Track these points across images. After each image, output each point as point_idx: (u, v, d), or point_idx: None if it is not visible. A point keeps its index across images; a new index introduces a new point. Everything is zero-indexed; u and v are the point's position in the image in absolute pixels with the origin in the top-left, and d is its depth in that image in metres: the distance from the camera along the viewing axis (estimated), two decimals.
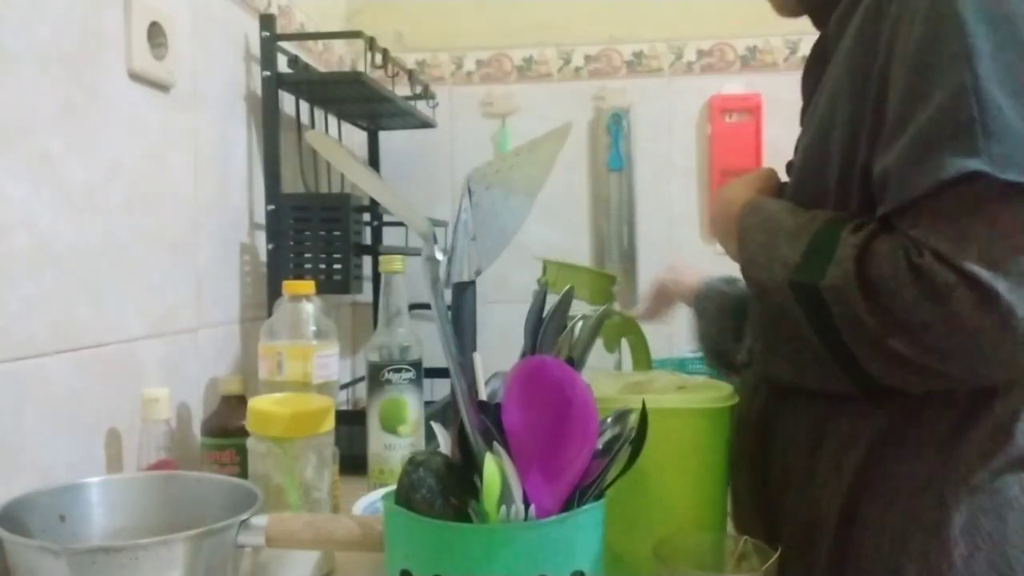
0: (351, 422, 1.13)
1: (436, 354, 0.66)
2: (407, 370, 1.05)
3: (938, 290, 0.59)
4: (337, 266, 1.30)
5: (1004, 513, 0.68)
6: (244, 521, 0.70)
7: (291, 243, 1.30)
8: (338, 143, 0.65)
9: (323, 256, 1.29)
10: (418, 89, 1.71)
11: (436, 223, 1.48)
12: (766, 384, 0.84)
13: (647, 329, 1.10)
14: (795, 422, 0.79)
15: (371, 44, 1.42)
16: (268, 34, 1.30)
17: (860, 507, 0.73)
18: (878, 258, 0.64)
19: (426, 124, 1.70)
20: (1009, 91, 0.61)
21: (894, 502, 0.71)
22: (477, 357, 0.59)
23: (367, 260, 1.62)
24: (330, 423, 0.83)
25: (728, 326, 1.01)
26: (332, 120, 1.62)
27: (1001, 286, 0.58)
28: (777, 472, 0.81)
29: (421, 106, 1.70)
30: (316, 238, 1.29)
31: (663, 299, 1.12)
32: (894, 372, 0.67)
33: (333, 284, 1.29)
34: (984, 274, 0.58)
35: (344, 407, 1.62)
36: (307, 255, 1.30)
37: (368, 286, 1.72)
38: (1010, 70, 0.61)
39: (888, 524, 0.71)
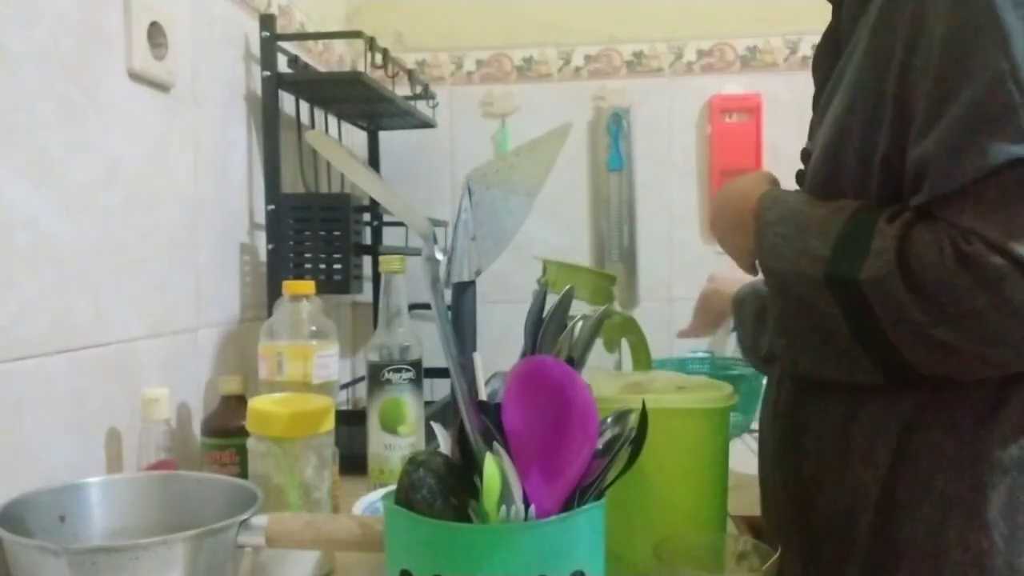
0: (351, 422, 1.13)
1: (436, 354, 0.66)
2: (407, 370, 1.05)
3: (989, 277, 0.60)
4: (337, 266, 1.30)
5: None
6: (244, 521, 0.70)
7: (291, 243, 1.30)
8: (338, 143, 0.65)
9: (323, 256, 1.29)
10: (418, 89, 1.71)
11: (436, 223, 1.48)
12: (791, 379, 0.84)
13: (647, 329, 1.10)
14: (824, 412, 0.79)
15: (371, 44, 1.42)
16: (268, 34, 1.30)
17: (897, 492, 0.73)
18: (919, 248, 0.64)
19: (426, 124, 1.70)
20: None
21: (931, 485, 0.71)
22: (477, 357, 0.59)
23: (367, 260, 1.62)
24: (330, 423, 0.83)
25: (764, 329, 1.01)
26: (332, 120, 1.61)
27: None
28: (811, 462, 0.81)
29: (421, 106, 1.70)
30: (316, 238, 1.29)
31: (709, 312, 1.12)
32: (939, 361, 0.67)
33: (333, 284, 1.29)
34: None
35: (344, 407, 1.62)
36: (307, 255, 1.30)
37: (368, 286, 1.72)
38: None
39: (926, 507, 0.72)
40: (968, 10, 0.63)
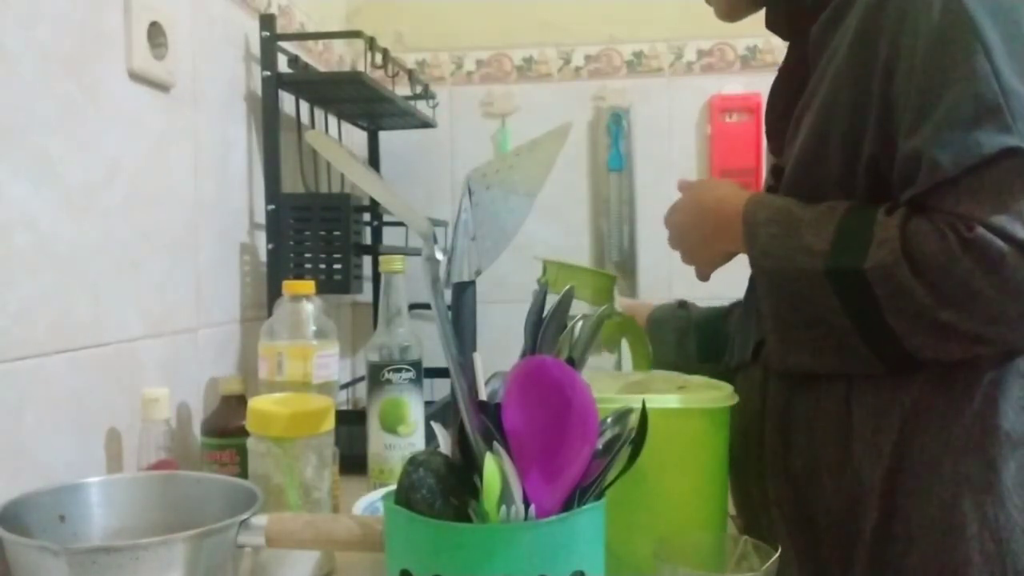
0: (351, 422, 1.13)
1: (436, 354, 0.66)
2: (407, 370, 1.05)
3: (991, 259, 0.64)
4: (337, 266, 1.30)
5: None
6: (244, 521, 0.70)
7: (291, 243, 1.30)
8: (338, 143, 0.65)
9: (323, 256, 1.29)
10: (418, 89, 1.71)
11: (436, 223, 1.48)
12: (778, 378, 0.84)
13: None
14: (816, 410, 0.80)
15: (371, 44, 1.42)
16: (268, 34, 1.30)
17: (903, 478, 0.74)
18: (921, 236, 0.67)
19: (426, 124, 1.70)
20: (1021, 80, 0.65)
21: (939, 468, 0.73)
22: (477, 357, 0.59)
23: (367, 260, 1.62)
24: (330, 423, 0.83)
25: (690, 348, 1.05)
26: (332, 120, 1.62)
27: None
28: (801, 462, 0.81)
29: (421, 106, 1.70)
30: (316, 238, 1.29)
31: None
32: (938, 344, 0.69)
33: (333, 284, 1.29)
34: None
35: (344, 407, 1.62)
36: (307, 255, 1.30)
37: (368, 286, 1.72)
38: (1019, 60, 0.66)
39: (936, 488, 0.73)
40: (947, 19, 0.67)
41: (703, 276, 0.93)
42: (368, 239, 1.59)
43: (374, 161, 1.80)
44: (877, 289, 0.69)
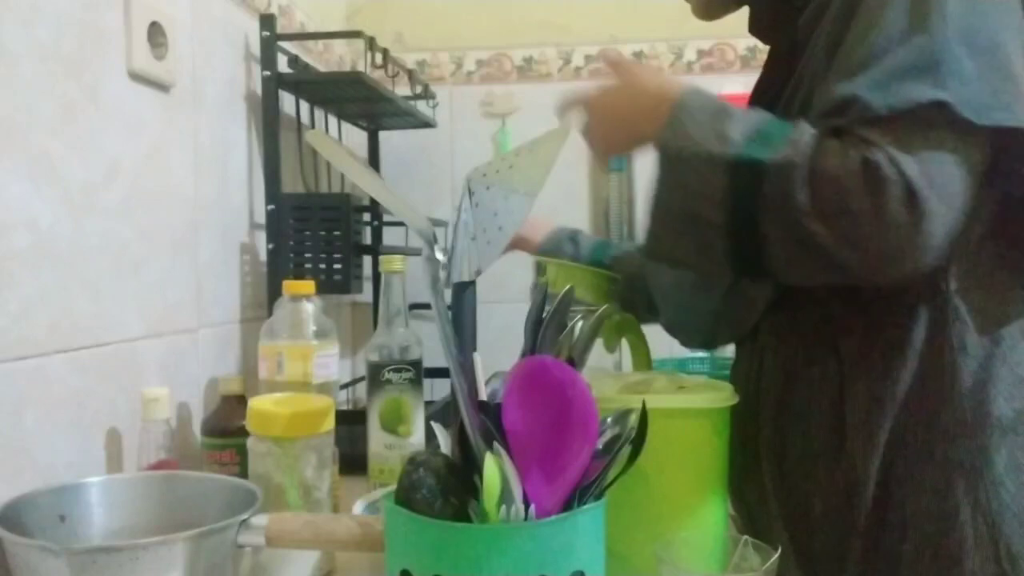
0: (351, 422, 1.13)
1: (436, 354, 0.66)
2: (407, 370, 1.05)
3: (879, 181, 0.66)
4: (337, 266, 1.30)
5: None
6: (244, 521, 0.70)
7: (291, 243, 1.30)
8: (338, 143, 0.65)
9: (323, 256, 1.29)
10: (418, 89, 1.71)
11: (436, 223, 1.48)
12: (773, 370, 0.85)
13: (647, 329, 1.10)
14: (809, 400, 0.81)
15: (371, 44, 1.42)
16: (268, 34, 1.30)
17: (896, 466, 0.75)
18: (828, 150, 0.69)
19: (426, 124, 1.70)
20: (969, 51, 0.67)
21: (932, 454, 0.74)
22: (477, 357, 0.59)
23: (367, 260, 1.62)
24: (330, 423, 0.83)
25: (643, 295, 1.09)
26: (332, 120, 1.62)
27: (929, 195, 0.65)
28: (796, 453, 0.82)
29: (421, 106, 1.70)
30: (316, 238, 1.29)
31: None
32: (793, 257, 0.71)
33: (333, 284, 1.29)
34: (920, 181, 0.65)
35: (344, 407, 1.62)
36: (307, 255, 1.30)
37: (368, 286, 1.72)
38: (973, 33, 0.68)
39: (929, 474, 0.74)
40: None
41: (602, 163, 0.93)
42: (368, 239, 1.59)
43: (374, 161, 1.80)
44: (767, 187, 0.69)
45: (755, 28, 0.93)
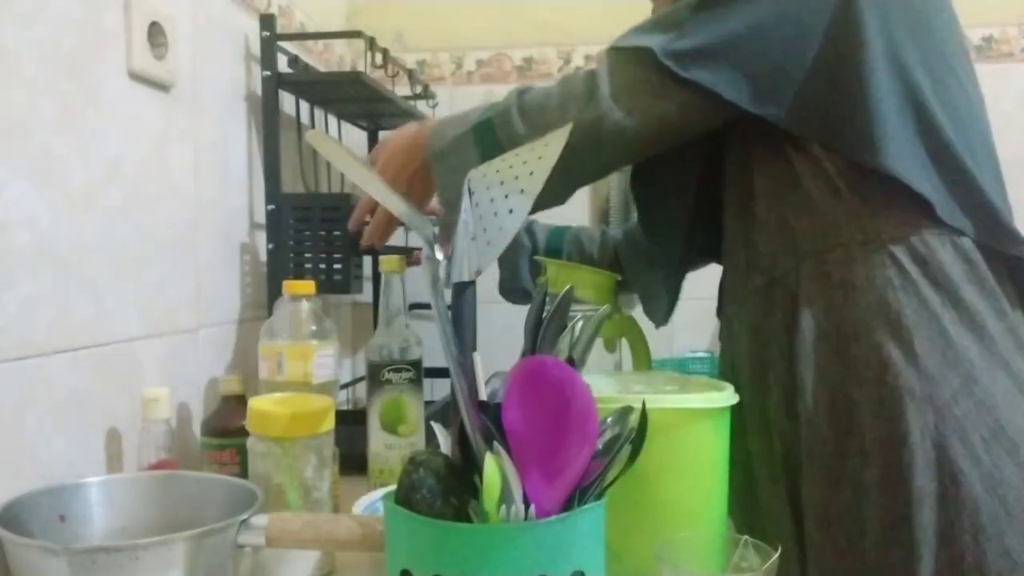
0: (351, 422, 1.13)
1: (436, 354, 0.66)
2: (407, 370, 1.05)
3: (587, 81, 0.88)
4: (337, 266, 1.30)
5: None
6: (244, 521, 0.70)
7: (291, 243, 1.30)
8: (338, 143, 0.65)
9: (323, 256, 1.29)
10: (418, 89, 1.71)
11: (436, 223, 1.48)
12: (743, 331, 0.92)
13: (647, 329, 1.10)
14: (774, 348, 0.87)
15: (371, 44, 1.42)
16: (268, 34, 1.30)
17: (854, 396, 0.81)
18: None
19: None
20: (713, 23, 0.83)
21: (884, 382, 0.80)
22: (477, 357, 0.59)
23: (367, 260, 1.62)
24: (330, 423, 0.83)
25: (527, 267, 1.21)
26: (332, 120, 1.61)
27: (611, 108, 0.85)
28: (773, 399, 0.87)
29: (421, 106, 1.70)
30: (316, 238, 1.29)
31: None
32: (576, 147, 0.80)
33: (333, 284, 1.29)
34: (607, 101, 0.85)
35: (344, 407, 1.62)
36: (307, 255, 1.29)
37: (368, 286, 1.72)
38: (724, 7, 0.83)
39: (885, 402, 0.80)
40: None
41: (377, 234, 1.07)
42: None
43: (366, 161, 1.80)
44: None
45: None
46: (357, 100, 1.49)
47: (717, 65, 0.83)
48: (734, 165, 0.94)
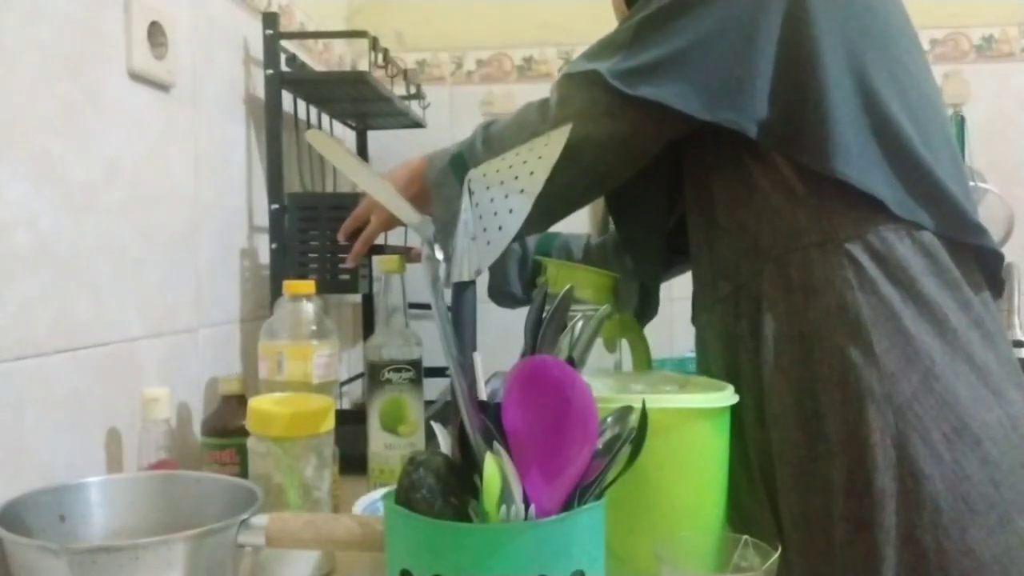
0: (351, 422, 1.13)
1: (436, 354, 0.66)
2: (407, 370, 1.05)
3: (540, 109, 0.96)
4: (343, 265, 1.29)
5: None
6: (244, 521, 0.70)
7: (296, 242, 1.29)
8: (339, 142, 0.66)
9: (329, 255, 1.28)
10: (412, 89, 1.71)
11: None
12: (714, 339, 0.94)
13: (647, 329, 1.10)
14: (743, 352, 0.89)
15: (375, 44, 1.41)
16: (271, 32, 1.30)
17: (820, 399, 0.82)
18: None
19: (417, 124, 1.69)
20: (657, 40, 0.86)
21: (846, 384, 0.80)
22: (477, 357, 0.59)
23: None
24: (330, 423, 0.83)
25: (525, 276, 1.23)
26: (325, 118, 1.61)
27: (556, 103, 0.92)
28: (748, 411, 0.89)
29: (413, 106, 1.69)
30: (323, 237, 1.28)
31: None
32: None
33: (340, 283, 1.28)
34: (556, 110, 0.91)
35: (344, 407, 1.62)
36: (312, 254, 1.29)
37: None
38: (666, 24, 0.86)
39: (848, 404, 0.81)
40: None
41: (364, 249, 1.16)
42: None
43: (364, 160, 1.80)
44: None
45: None
46: (355, 100, 1.48)
47: (664, 79, 0.83)
48: (693, 174, 0.95)
